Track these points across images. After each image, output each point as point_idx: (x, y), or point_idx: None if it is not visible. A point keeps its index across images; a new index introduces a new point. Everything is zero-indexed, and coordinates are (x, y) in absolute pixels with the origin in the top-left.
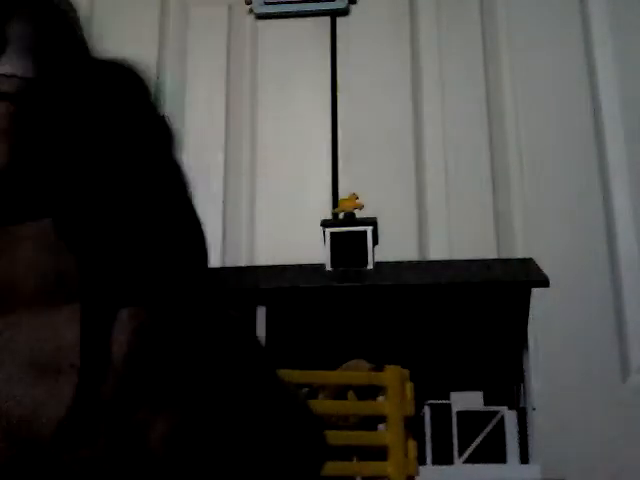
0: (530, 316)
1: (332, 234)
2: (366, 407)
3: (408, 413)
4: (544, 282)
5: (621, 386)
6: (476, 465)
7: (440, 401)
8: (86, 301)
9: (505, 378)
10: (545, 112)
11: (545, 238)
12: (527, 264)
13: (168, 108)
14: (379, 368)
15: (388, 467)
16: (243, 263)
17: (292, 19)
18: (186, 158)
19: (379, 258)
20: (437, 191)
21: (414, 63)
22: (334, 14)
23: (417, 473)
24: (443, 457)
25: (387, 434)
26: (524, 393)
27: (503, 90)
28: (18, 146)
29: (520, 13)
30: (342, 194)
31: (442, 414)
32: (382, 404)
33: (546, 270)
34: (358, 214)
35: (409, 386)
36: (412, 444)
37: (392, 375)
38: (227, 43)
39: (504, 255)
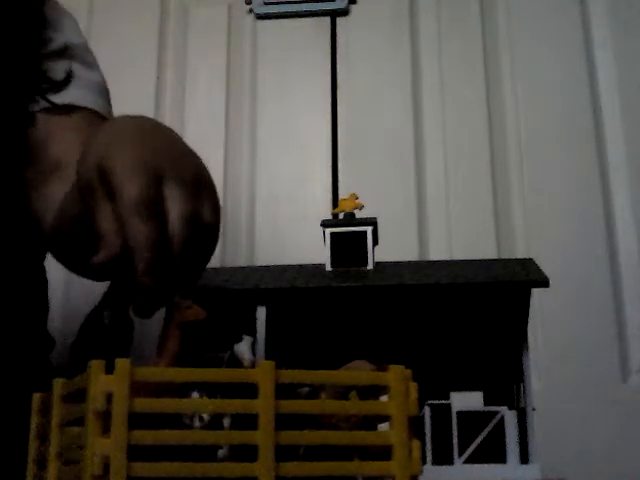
0: (530, 316)
1: (332, 234)
2: (370, 407)
3: (412, 413)
4: (544, 282)
5: (621, 386)
6: (476, 465)
7: (440, 401)
8: None
9: (505, 378)
10: (545, 112)
11: (545, 238)
12: (527, 264)
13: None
14: (382, 369)
15: (393, 466)
16: (243, 263)
17: (292, 19)
18: None
19: (379, 258)
20: (437, 191)
21: (414, 63)
22: (334, 14)
23: (421, 472)
24: (443, 457)
25: (392, 434)
26: (524, 393)
27: (503, 90)
28: None
29: (520, 13)
30: (342, 194)
31: (442, 414)
32: (386, 404)
33: (546, 270)
34: (358, 214)
35: (413, 386)
36: (416, 444)
37: (396, 375)
38: (227, 43)
39: (504, 255)
